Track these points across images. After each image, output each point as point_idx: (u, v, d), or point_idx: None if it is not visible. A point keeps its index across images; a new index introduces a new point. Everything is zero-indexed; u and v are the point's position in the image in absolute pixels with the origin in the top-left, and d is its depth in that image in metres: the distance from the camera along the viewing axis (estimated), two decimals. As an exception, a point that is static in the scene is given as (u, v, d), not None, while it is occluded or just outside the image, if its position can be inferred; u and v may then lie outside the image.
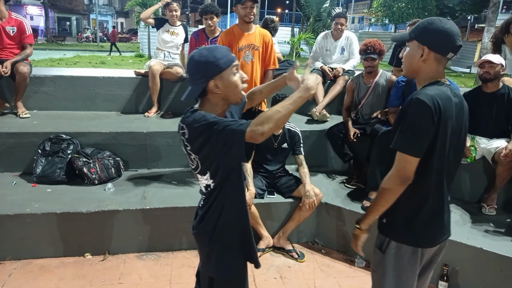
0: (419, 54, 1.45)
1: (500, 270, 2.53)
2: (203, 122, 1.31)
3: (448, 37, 1.41)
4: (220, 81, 1.38)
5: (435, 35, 1.42)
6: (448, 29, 1.41)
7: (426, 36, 1.44)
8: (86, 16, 42.96)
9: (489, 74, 3.01)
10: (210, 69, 1.36)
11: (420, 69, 1.48)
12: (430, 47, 1.43)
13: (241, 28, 3.18)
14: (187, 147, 1.40)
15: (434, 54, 1.43)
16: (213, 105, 1.43)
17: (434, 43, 1.43)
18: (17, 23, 3.88)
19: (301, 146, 3.13)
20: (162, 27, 4.43)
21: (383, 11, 21.36)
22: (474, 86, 4.05)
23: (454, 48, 1.43)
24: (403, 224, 1.51)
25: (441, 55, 1.44)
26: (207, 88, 1.39)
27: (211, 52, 1.38)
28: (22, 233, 2.75)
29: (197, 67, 1.38)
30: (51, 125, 3.64)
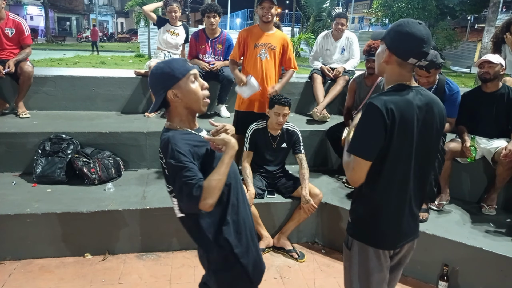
0: (383, 56, 1.44)
1: (500, 270, 2.52)
2: (172, 161, 1.35)
3: (411, 41, 1.36)
4: (178, 90, 1.42)
5: (398, 38, 1.39)
6: (413, 34, 1.35)
7: (390, 38, 1.42)
8: (86, 16, 42.96)
9: (488, 74, 3.01)
10: (167, 79, 1.42)
11: (384, 71, 1.48)
12: (390, 50, 1.41)
13: (261, 27, 3.31)
14: (165, 169, 1.42)
15: (396, 58, 1.41)
16: (179, 116, 1.48)
17: (396, 46, 1.40)
18: (15, 24, 3.87)
19: (301, 145, 3.13)
20: (163, 26, 4.43)
21: (383, 11, 21.35)
22: (474, 86, 4.05)
23: (417, 53, 1.38)
24: (363, 225, 1.55)
25: (402, 60, 1.40)
26: (167, 99, 1.44)
27: (166, 64, 1.45)
28: (22, 233, 2.75)
29: (155, 80, 1.45)
30: (51, 125, 3.64)
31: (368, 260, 1.52)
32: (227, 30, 17.45)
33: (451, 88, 3.00)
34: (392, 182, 1.45)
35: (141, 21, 17.80)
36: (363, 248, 1.52)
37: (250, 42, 3.31)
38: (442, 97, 3.00)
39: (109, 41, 34.01)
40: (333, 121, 3.95)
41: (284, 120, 2.96)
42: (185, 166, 1.33)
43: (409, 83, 1.45)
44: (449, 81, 3.03)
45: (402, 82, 1.44)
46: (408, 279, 2.79)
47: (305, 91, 4.67)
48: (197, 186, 1.31)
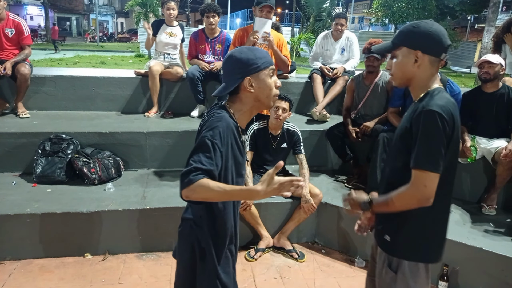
0: (412, 60, 1.38)
1: (501, 269, 2.53)
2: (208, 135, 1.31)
3: (439, 37, 1.37)
4: (256, 81, 1.38)
5: (426, 37, 1.37)
6: (437, 29, 1.37)
7: (417, 40, 1.38)
8: (86, 16, 42.96)
9: (488, 74, 3.01)
10: (248, 66, 1.37)
11: (415, 76, 1.41)
12: (424, 51, 1.37)
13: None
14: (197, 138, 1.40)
15: (429, 57, 1.38)
16: (242, 104, 1.42)
17: (427, 45, 1.37)
18: (15, 24, 3.88)
19: (301, 145, 3.13)
20: (160, 29, 4.42)
21: (383, 11, 21.35)
22: (474, 86, 4.05)
23: (446, 48, 1.39)
24: (415, 241, 1.44)
25: (435, 57, 1.39)
26: (241, 86, 1.39)
27: (252, 51, 1.40)
28: (22, 233, 2.75)
29: (236, 63, 1.38)
30: (51, 125, 3.64)
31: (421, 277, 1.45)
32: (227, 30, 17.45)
33: (453, 89, 3.00)
34: (449, 191, 1.42)
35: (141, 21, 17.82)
36: (415, 266, 1.44)
37: (246, 42, 3.32)
38: None
39: (109, 41, 33.99)
40: (333, 121, 3.95)
41: (283, 116, 2.95)
42: (211, 149, 1.29)
43: (440, 85, 1.42)
44: (450, 82, 3.04)
45: (437, 85, 1.41)
46: (408, 279, 2.79)
47: (305, 91, 4.67)
48: (198, 174, 1.26)
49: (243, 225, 3.08)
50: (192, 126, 3.85)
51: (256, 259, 2.96)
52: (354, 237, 3.05)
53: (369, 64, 3.39)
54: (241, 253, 3.04)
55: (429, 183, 1.31)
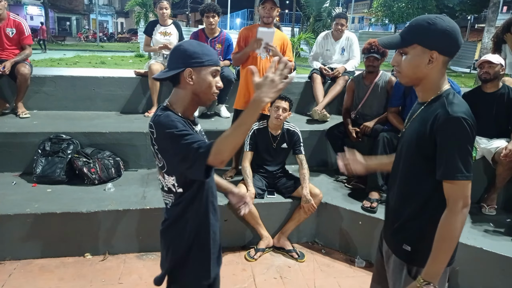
0: (426, 60, 1.27)
1: (501, 269, 2.52)
2: (172, 130, 1.30)
3: (456, 37, 1.26)
4: (196, 74, 1.38)
5: (444, 37, 1.25)
6: (454, 28, 1.26)
7: (433, 39, 1.26)
8: (86, 16, 42.97)
9: (488, 74, 3.01)
10: (192, 58, 1.37)
11: (427, 77, 1.31)
12: (440, 51, 1.26)
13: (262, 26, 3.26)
14: (154, 146, 1.40)
15: (443, 58, 1.28)
16: (182, 98, 1.42)
17: (445, 46, 1.27)
18: (16, 24, 3.88)
19: (301, 145, 3.13)
20: (154, 29, 4.41)
21: (383, 11, 21.38)
22: (474, 86, 4.05)
23: (459, 47, 1.30)
24: None
25: (449, 57, 1.29)
26: (181, 76, 1.38)
27: (200, 46, 1.41)
28: (22, 233, 2.75)
29: (182, 53, 1.39)
30: (51, 125, 3.64)
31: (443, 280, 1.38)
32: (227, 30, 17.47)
33: (453, 88, 3.00)
34: None
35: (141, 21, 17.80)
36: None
37: (250, 40, 3.28)
38: None
39: (109, 41, 33.98)
40: (333, 121, 3.95)
41: (283, 116, 2.95)
42: (187, 133, 1.30)
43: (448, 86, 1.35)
44: (450, 81, 3.03)
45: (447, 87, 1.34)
46: (408, 279, 2.79)
47: (305, 91, 4.67)
48: (204, 144, 1.26)
49: (243, 225, 3.08)
50: (192, 126, 3.84)
51: (256, 259, 2.96)
52: (354, 237, 3.05)
53: (369, 64, 3.39)
54: (241, 253, 3.04)
55: (468, 192, 1.27)
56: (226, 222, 3.02)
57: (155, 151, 1.42)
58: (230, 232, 3.09)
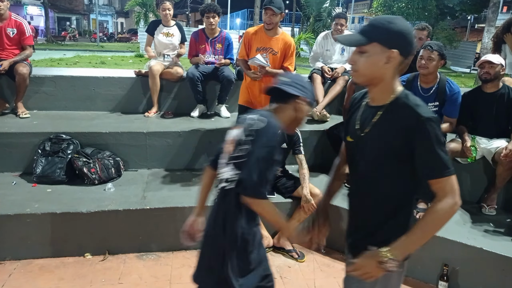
0: (384, 60, 1.26)
1: (501, 269, 2.53)
2: (270, 146, 1.46)
3: (412, 39, 1.29)
4: (301, 107, 1.57)
5: (403, 37, 1.26)
6: (411, 29, 1.29)
7: (394, 38, 1.26)
8: (86, 16, 42.98)
9: (489, 74, 3.01)
10: (308, 94, 1.58)
11: (384, 77, 1.30)
12: (400, 51, 1.26)
13: (265, 30, 3.25)
14: (242, 145, 1.47)
15: (400, 58, 1.27)
16: (283, 117, 1.57)
17: (404, 46, 1.27)
18: (17, 24, 3.88)
19: (301, 145, 3.12)
20: (156, 29, 4.41)
21: (383, 11, 21.36)
22: (474, 86, 4.05)
23: (414, 50, 1.32)
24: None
25: (405, 58, 1.29)
26: (292, 100, 1.55)
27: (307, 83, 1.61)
28: (22, 233, 2.75)
29: (304, 86, 1.57)
30: (51, 125, 3.64)
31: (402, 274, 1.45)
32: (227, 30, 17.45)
33: (452, 88, 3.00)
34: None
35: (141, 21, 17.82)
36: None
37: (253, 44, 3.27)
38: (443, 97, 3.00)
39: (109, 41, 33.98)
40: (333, 121, 3.95)
41: None
42: (275, 162, 1.49)
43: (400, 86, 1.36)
44: (449, 81, 3.04)
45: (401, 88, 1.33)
46: (408, 279, 2.79)
47: (305, 91, 4.66)
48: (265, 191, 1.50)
49: (243, 225, 3.08)
50: (192, 126, 3.85)
51: (256, 259, 2.96)
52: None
53: None
54: (241, 253, 3.04)
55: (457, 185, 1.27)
56: (226, 222, 3.02)
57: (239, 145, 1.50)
58: (230, 232, 3.09)
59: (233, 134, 1.54)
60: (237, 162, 1.48)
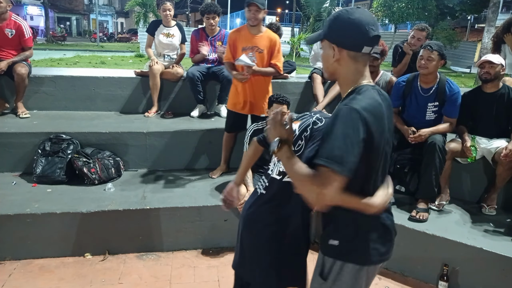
0: (331, 54, 1.26)
1: (501, 269, 2.52)
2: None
3: (357, 28, 1.21)
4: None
5: (342, 29, 1.23)
6: (356, 19, 1.21)
7: (333, 32, 1.25)
8: (86, 16, 43.00)
9: (489, 74, 3.01)
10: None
11: (336, 71, 1.29)
12: (339, 45, 1.23)
13: (249, 29, 3.20)
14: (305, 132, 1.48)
15: (347, 52, 1.24)
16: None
17: (342, 39, 1.23)
18: (16, 25, 3.86)
19: None
20: (157, 29, 4.41)
21: (383, 11, 21.35)
22: (474, 86, 4.05)
23: (367, 40, 1.22)
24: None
25: (355, 52, 1.23)
26: None
27: None
28: (22, 233, 2.75)
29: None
30: (51, 125, 3.64)
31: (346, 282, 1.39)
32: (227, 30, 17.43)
33: (452, 88, 3.00)
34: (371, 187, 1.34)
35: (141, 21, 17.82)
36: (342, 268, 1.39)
37: (238, 44, 3.20)
38: (443, 97, 3.00)
39: (109, 41, 33.98)
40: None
41: None
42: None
43: (368, 82, 1.28)
44: (449, 81, 3.04)
45: (362, 83, 1.27)
46: (408, 279, 2.79)
47: (305, 91, 4.67)
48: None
49: (243, 225, 3.08)
50: (192, 126, 3.85)
51: (256, 259, 2.96)
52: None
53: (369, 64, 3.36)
54: (241, 253, 3.04)
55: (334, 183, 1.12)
56: (226, 222, 3.02)
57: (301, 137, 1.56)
58: (230, 232, 3.09)
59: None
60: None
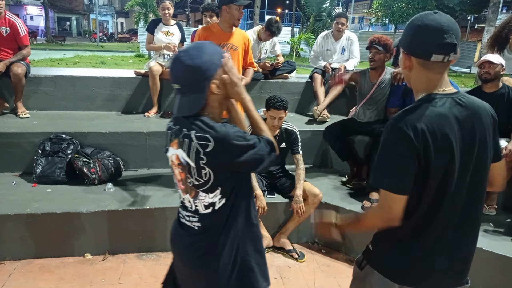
0: (403, 61, 1.22)
1: (501, 269, 2.52)
2: (243, 142, 1.25)
3: (426, 34, 1.14)
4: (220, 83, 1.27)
5: (411, 35, 1.17)
6: (427, 25, 1.14)
7: (404, 38, 1.21)
8: (86, 16, 43.00)
9: (489, 74, 3.01)
10: (208, 69, 1.24)
11: (410, 80, 1.25)
12: (409, 52, 1.19)
13: (222, 27, 3.00)
14: (201, 160, 1.25)
15: (417, 60, 1.17)
16: (215, 108, 1.31)
17: (411, 46, 1.18)
18: (10, 23, 3.85)
19: (299, 145, 3.11)
20: (156, 28, 4.41)
21: (383, 11, 21.37)
22: (474, 86, 4.04)
23: (437, 47, 1.12)
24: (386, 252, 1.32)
25: (423, 59, 1.16)
26: (208, 92, 1.26)
27: (200, 51, 1.26)
28: (22, 233, 2.75)
29: (193, 71, 1.24)
30: (51, 125, 3.64)
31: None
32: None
33: None
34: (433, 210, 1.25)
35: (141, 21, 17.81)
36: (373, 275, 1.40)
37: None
38: None
39: (109, 41, 33.99)
40: (332, 121, 3.94)
41: (279, 123, 2.95)
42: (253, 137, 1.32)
43: (442, 90, 1.19)
44: (451, 82, 3.03)
45: (432, 91, 1.19)
46: (408, 279, 2.79)
47: (305, 91, 4.67)
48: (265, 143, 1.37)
49: (243, 225, 3.08)
50: (192, 126, 3.85)
51: (256, 259, 2.96)
52: (354, 237, 3.05)
53: (371, 58, 3.27)
54: (241, 253, 3.04)
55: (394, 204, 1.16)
56: (226, 222, 3.02)
57: (200, 166, 1.27)
58: (230, 232, 3.09)
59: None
60: None
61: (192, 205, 1.38)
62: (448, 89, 1.21)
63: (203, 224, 1.37)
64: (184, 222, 1.42)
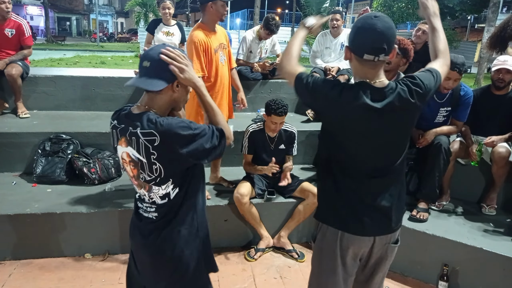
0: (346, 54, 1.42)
1: (501, 269, 2.53)
2: (189, 131, 1.28)
3: (361, 37, 1.33)
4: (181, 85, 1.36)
5: (352, 34, 1.37)
6: (364, 28, 1.32)
7: (349, 35, 1.41)
8: (86, 16, 43.00)
9: (503, 82, 3.01)
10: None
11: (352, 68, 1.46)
12: (349, 48, 1.39)
13: (209, 27, 2.78)
14: (152, 155, 1.31)
15: (354, 55, 1.37)
16: (160, 106, 1.37)
17: (350, 43, 1.38)
18: (16, 25, 3.87)
19: (295, 146, 3.12)
20: (157, 28, 4.41)
21: (383, 11, 21.34)
22: (474, 86, 4.05)
23: (368, 48, 1.31)
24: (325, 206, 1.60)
25: (357, 56, 1.36)
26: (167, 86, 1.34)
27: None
28: (22, 233, 2.75)
29: None
30: (51, 125, 3.64)
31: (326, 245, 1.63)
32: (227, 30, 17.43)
33: (466, 92, 2.98)
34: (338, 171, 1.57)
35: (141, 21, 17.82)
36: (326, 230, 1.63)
37: (210, 47, 2.74)
38: (457, 101, 2.98)
39: (109, 41, 33.98)
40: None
41: (280, 127, 2.96)
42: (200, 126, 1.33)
43: (372, 81, 1.36)
44: (463, 85, 3.02)
45: (364, 79, 1.38)
46: (408, 279, 2.80)
47: (305, 91, 4.66)
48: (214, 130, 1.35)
49: (243, 225, 3.08)
50: (192, 126, 3.84)
51: (256, 259, 2.96)
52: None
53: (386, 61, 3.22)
54: (241, 253, 3.04)
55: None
56: (226, 222, 3.03)
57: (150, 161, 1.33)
58: (230, 232, 3.10)
59: None
60: None
61: (148, 197, 1.45)
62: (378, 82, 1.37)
63: (160, 213, 1.44)
64: (142, 213, 1.49)
